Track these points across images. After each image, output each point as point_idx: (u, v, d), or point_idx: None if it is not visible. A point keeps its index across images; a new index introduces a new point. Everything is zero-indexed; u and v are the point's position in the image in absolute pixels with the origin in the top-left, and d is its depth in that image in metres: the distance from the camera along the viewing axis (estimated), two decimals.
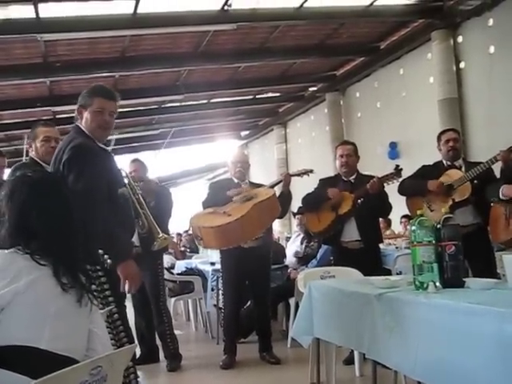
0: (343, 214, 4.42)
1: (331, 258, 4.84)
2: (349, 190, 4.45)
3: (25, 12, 7.25)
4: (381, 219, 5.65)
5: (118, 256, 2.60)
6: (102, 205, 2.63)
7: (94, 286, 2.49)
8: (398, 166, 4.46)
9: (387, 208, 4.56)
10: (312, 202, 4.64)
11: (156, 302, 4.79)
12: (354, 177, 4.57)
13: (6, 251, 1.74)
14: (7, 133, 12.69)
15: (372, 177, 4.40)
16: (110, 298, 2.58)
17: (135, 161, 5.11)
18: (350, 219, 4.41)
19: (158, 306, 4.79)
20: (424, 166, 4.52)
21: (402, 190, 4.44)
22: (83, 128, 2.86)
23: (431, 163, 4.51)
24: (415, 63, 9.98)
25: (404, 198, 4.53)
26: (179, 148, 18.95)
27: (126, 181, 3.46)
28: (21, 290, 1.67)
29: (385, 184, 4.37)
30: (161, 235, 3.86)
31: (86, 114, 2.86)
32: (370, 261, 4.27)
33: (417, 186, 4.35)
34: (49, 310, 1.71)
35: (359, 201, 4.37)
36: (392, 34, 10.19)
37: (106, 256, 2.57)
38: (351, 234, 4.42)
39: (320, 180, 4.73)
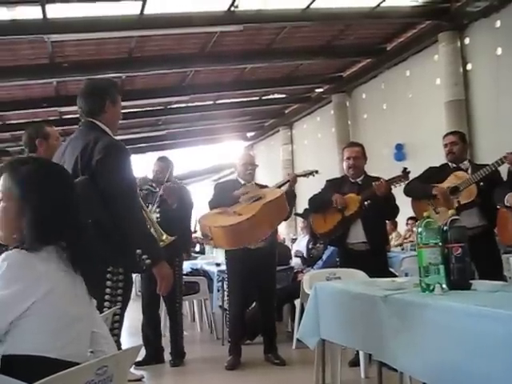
0: (349, 216, 4.41)
1: (337, 259, 4.83)
2: (356, 192, 4.45)
3: (32, 13, 7.27)
4: (387, 221, 5.63)
5: (156, 256, 2.58)
6: (137, 205, 2.63)
7: (109, 282, 2.49)
8: (405, 168, 4.46)
9: (394, 210, 4.56)
10: (318, 205, 4.64)
11: (171, 302, 4.82)
12: (361, 178, 4.56)
13: (22, 251, 1.63)
14: (14, 133, 12.73)
15: (379, 179, 4.39)
16: (119, 298, 2.58)
17: (158, 160, 5.03)
18: (356, 221, 4.40)
19: (173, 307, 4.84)
20: (430, 168, 4.51)
21: (407, 192, 4.44)
22: (100, 124, 2.74)
23: (438, 165, 4.51)
24: (422, 65, 9.96)
25: (410, 199, 4.52)
26: (185, 149, 18.98)
27: None
28: (40, 298, 1.60)
29: (392, 186, 4.36)
30: (165, 237, 3.86)
31: (113, 110, 2.80)
32: (376, 263, 4.25)
33: (422, 190, 4.34)
34: (63, 319, 1.66)
35: (366, 203, 4.36)
36: (398, 35, 10.18)
37: (144, 256, 2.53)
38: (357, 235, 4.41)
39: (327, 181, 4.72)
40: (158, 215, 4.69)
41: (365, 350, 2.75)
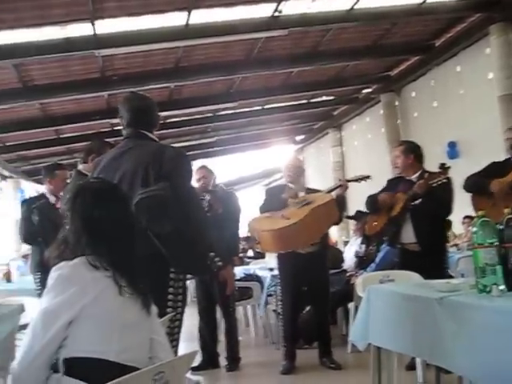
0: (394, 216, 4.37)
1: (395, 259, 4.74)
2: (407, 190, 4.38)
3: (83, 30, 7.53)
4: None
5: (226, 258, 2.75)
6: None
7: (171, 289, 2.55)
8: (443, 164, 4.36)
9: (445, 208, 4.41)
10: (371, 205, 4.61)
11: (225, 307, 4.91)
12: (416, 175, 4.47)
13: (71, 262, 1.75)
14: (69, 146, 13.16)
15: (434, 173, 4.31)
16: (180, 303, 2.62)
17: (203, 168, 5.12)
18: (406, 221, 4.33)
19: (227, 311, 4.93)
20: (494, 163, 4.33)
21: (466, 187, 4.29)
22: (152, 136, 2.79)
23: (501, 160, 4.33)
24: (473, 59, 9.71)
25: (467, 196, 4.36)
26: (235, 155, 19.14)
27: None
28: (88, 302, 1.68)
29: (436, 183, 4.24)
30: None
31: None
32: (431, 264, 4.14)
33: (480, 185, 4.20)
34: (116, 322, 1.73)
35: (417, 201, 4.28)
36: (447, 30, 9.97)
37: (216, 259, 2.68)
38: (408, 236, 4.34)
39: (387, 180, 4.75)
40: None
41: (416, 354, 2.69)
